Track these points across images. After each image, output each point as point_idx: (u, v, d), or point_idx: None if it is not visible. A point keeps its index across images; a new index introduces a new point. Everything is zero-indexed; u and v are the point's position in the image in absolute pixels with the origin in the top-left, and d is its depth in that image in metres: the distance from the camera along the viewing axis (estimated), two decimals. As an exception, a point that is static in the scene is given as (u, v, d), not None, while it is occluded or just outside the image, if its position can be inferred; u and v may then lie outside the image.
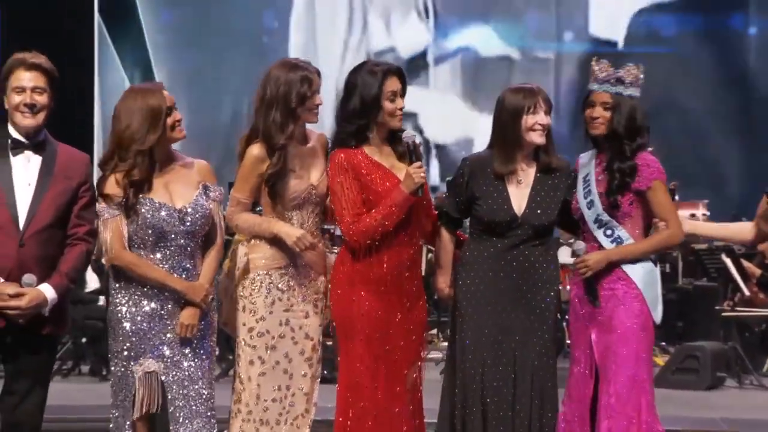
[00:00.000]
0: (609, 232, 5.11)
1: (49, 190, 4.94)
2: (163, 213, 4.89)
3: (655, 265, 5.17)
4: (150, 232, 4.90)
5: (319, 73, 5.16)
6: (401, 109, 5.12)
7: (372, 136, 5.16)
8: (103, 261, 10.36)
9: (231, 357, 5.23)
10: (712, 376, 10.14)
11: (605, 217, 5.11)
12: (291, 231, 5.12)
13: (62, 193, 4.96)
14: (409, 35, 16.01)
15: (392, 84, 5.13)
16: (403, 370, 5.20)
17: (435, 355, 11.15)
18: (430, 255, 11.53)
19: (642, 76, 5.17)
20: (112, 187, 4.90)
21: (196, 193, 4.97)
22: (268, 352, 5.16)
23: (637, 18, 15.86)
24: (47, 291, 4.89)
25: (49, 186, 4.94)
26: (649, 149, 5.19)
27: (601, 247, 5.13)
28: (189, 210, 4.93)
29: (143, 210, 4.88)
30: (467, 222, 5.36)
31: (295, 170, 5.15)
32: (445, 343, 11.28)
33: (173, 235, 4.91)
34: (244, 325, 5.18)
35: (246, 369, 5.16)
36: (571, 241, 6.77)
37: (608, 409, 5.03)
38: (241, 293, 5.20)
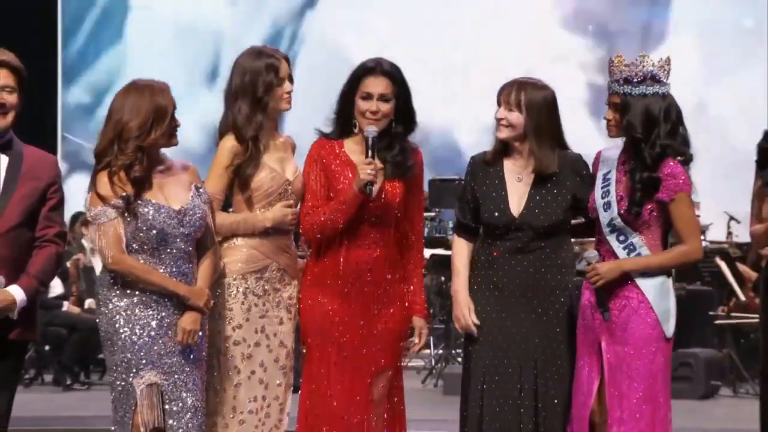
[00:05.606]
0: (622, 237, 4.92)
1: (16, 191, 4.84)
2: (163, 214, 4.75)
3: (668, 277, 5.00)
4: (152, 234, 4.75)
5: (287, 59, 5.06)
6: (374, 112, 4.96)
7: (356, 131, 5.04)
8: (80, 263, 10.37)
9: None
10: (706, 384, 10.21)
11: (619, 222, 4.91)
12: (282, 213, 5.02)
13: (30, 194, 4.86)
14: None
15: (371, 84, 4.97)
16: (366, 379, 5.03)
17: (416, 363, 10.99)
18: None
19: (661, 68, 4.89)
20: (105, 187, 4.73)
21: (191, 194, 4.85)
22: (244, 361, 5.03)
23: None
24: (16, 293, 4.78)
25: (16, 186, 4.85)
26: (678, 158, 4.91)
27: (613, 252, 4.94)
28: (187, 211, 4.79)
29: (144, 211, 4.74)
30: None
31: (269, 164, 5.05)
32: (428, 351, 11.21)
33: (173, 238, 4.78)
34: (219, 333, 5.02)
35: (221, 380, 5.03)
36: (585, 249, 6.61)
37: (620, 423, 4.89)
38: (216, 300, 5.00)
